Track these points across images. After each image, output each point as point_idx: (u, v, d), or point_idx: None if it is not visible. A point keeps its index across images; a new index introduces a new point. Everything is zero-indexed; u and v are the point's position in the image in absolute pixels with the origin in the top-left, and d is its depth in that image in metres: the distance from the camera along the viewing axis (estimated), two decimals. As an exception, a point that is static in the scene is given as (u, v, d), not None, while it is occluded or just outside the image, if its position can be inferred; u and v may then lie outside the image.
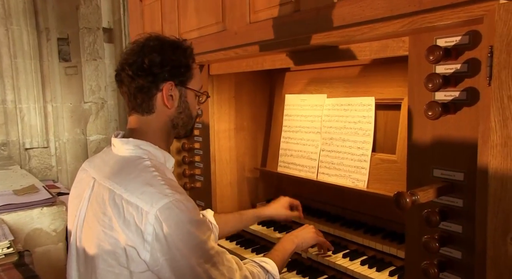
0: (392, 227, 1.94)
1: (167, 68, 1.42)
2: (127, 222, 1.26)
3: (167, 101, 1.45)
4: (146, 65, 1.40)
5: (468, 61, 1.17)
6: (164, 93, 1.43)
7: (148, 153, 1.42)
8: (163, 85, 1.43)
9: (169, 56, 1.44)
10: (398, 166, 1.79)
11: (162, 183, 1.30)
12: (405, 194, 1.10)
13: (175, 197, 1.26)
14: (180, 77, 1.47)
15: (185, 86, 1.50)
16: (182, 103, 1.50)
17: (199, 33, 2.32)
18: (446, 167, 1.24)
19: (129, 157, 1.41)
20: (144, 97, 1.43)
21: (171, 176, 1.44)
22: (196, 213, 1.31)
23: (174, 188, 1.30)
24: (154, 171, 1.34)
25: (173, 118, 1.50)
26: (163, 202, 1.24)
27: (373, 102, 1.91)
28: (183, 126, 1.55)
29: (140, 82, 1.41)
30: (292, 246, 1.80)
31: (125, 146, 1.43)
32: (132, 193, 1.28)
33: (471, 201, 1.18)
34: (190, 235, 1.26)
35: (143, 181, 1.31)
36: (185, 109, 1.52)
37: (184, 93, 1.50)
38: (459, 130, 1.20)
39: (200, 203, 2.55)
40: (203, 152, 2.47)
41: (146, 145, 1.43)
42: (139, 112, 1.46)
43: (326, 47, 1.60)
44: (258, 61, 1.99)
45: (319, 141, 2.17)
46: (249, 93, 2.53)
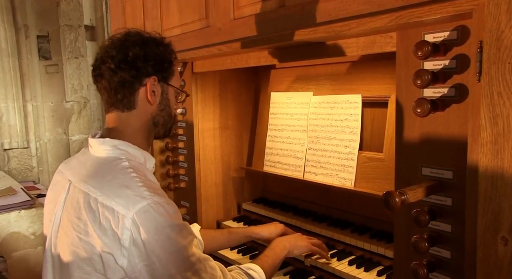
0: (380, 226, 1.92)
1: (151, 62, 1.39)
2: (103, 227, 1.21)
3: (150, 97, 1.40)
4: (130, 58, 1.35)
5: (456, 57, 1.14)
6: (148, 88, 1.39)
7: (126, 154, 1.36)
8: (146, 79, 1.39)
9: (153, 50, 1.40)
10: (385, 165, 1.77)
11: (140, 185, 1.24)
12: (394, 193, 1.07)
13: (153, 199, 1.21)
14: (163, 73, 1.44)
15: (167, 82, 1.47)
16: (163, 100, 1.46)
17: (182, 30, 2.26)
18: (435, 165, 1.22)
19: (106, 158, 1.35)
20: (125, 92, 1.38)
21: (152, 177, 1.38)
22: (176, 216, 1.25)
23: (153, 190, 1.25)
24: (132, 172, 1.28)
25: (155, 115, 1.46)
26: (140, 205, 1.19)
27: (360, 100, 1.88)
28: (163, 125, 1.50)
29: (122, 76, 1.36)
30: (284, 252, 1.74)
31: (102, 147, 1.37)
32: (108, 196, 1.23)
33: (460, 200, 1.16)
34: (170, 240, 1.20)
35: (120, 183, 1.25)
36: (166, 106, 1.48)
37: (166, 90, 1.47)
38: (448, 127, 1.18)
39: (184, 204, 2.49)
40: (187, 151, 2.42)
41: (124, 145, 1.37)
42: (119, 108, 1.41)
43: (312, 44, 1.57)
44: (242, 58, 1.95)
45: (305, 140, 2.14)
46: (234, 91, 2.48)
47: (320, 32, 1.39)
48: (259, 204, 2.46)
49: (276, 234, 1.97)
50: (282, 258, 1.74)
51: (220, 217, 2.48)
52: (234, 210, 2.55)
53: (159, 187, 1.34)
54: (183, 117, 2.41)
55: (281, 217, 2.24)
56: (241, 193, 2.56)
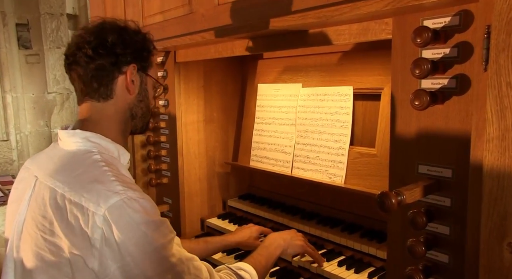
0: (370, 224, 1.84)
1: (130, 49, 1.31)
2: (71, 226, 1.10)
3: (130, 85, 1.32)
4: (109, 43, 1.27)
5: (458, 45, 1.05)
6: (128, 76, 1.31)
7: (98, 147, 1.25)
8: (126, 67, 1.31)
9: (132, 37, 1.33)
10: (377, 161, 1.67)
11: (113, 179, 1.14)
12: (390, 194, 0.98)
13: (127, 194, 1.10)
14: (142, 62, 1.36)
15: (146, 72, 1.38)
16: (142, 91, 1.38)
17: (164, 16, 2.13)
18: (433, 162, 1.13)
19: (76, 151, 1.25)
20: (103, 80, 1.29)
21: (126, 173, 1.27)
22: (153, 212, 1.14)
23: (127, 184, 1.14)
24: (104, 166, 1.18)
25: (133, 106, 1.37)
26: (112, 200, 1.08)
27: (351, 92, 1.78)
28: (141, 118, 1.40)
29: (100, 63, 1.27)
30: (279, 250, 1.64)
31: (72, 139, 1.26)
32: (77, 192, 1.12)
33: (460, 200, 1.07)
34: (146, 239, 1.09)
35: (90, 177, 1.15)
36: (144, 97, 1.39)
37: (145, 80, 1.39)
38: (448, 121, 1.09)
39: (167, 200, 2.38)
40: (170, 145, 2.30)
41: (96, 138, 1.26)
42: (94, 98, 1.31)
43: (301, 31, 1.46)
44: (227, 47, 1.83)
45: (293, 134, 2.03)
46: (219, 83, 2.36)
47: (310, 17, 1.28)
48: (245, 201, 2.36)
49: (254, 238, 1.88)
50: (276, 257, 1.65)
51: (205, 214, 2.37)
52: (219, 206, 2.45)
53: (133, 182, 1.23)
54: (166, 109, 2.29)
55: (268, 215, 2.15)
56: (227, 189, 2.45)
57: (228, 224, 2.24)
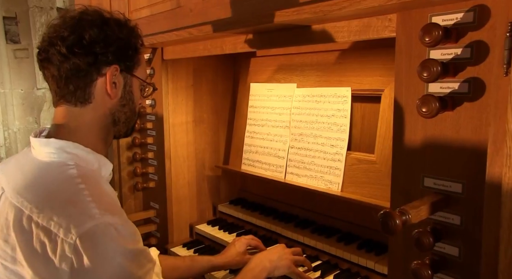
0: (368, 234, 1.72)
1: (112, 48, 1.15)
2: (36, 253, 0.96)
3: (110, 89, 1.17)
4: (86, 41, 1.11)
5: (471, 45, 0.93)
6: (108, 78, 1.16)
7: (75, 158, 1.11)
8: (106, 69, 1.15)
9: (115, 33, 1.16)
10: (377, 168, 1.56)
11: (89, 199, 1.00)
12: (393, 214, 0.86)
13: (104, 219, 0.96)
14: (126, 61, 1.20)
15: (131, 73, 1.22)
16: (126, 94, 1.22)
17: (151, 11, 2.00)
18: (440, 175, 1.01)
19: (49, 163, 1.10)
20: (79, 83, 1.14)
21: (107, 188, 1.14)
22: (132, 240, 1.01)
23: (105, 206, 1.00)
24: (81, 183, 1.04)
25: (115, 111, 1.21)
26: (86, 226, 0.95)
27: (349, 93, 1.66)
28: (125, 123, 1.25)
29: (76, 63, 1.11)
30: (264, 274, 1.53)
31: (45, 149, 1.11)
32: (46, 214, 0.98)
33: (471, 219, 0.96)
34: (122, 271, 0.96)
35: (63, 197, 1.01)
36: (129, 101, 1.23)
37: (129, 82, 1.23)
38: (458, 130, 0.97)
39: (154, 205, 2.26)
40: (157, 147, 2.18)
41: (73, 148, 1.12)
42: (71, 102, 1.16)
43: (296, 27, 1.34)
44: (217, 44, 1.70)
45: (287, 137, 1.91)
46: (210, 82, 2.24)
47: (306, 12, 1.16)
48: (237, 206, 2.24)
49: (242, 253, 1.75)
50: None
51: (194, 220, 2.25)
52: (209, 212, 2.33)
53: (116, 202, 1.10)
54: (153, 109, 2.16)
55: (259, 222, 2.03)
56: (217, 194, 2.33)
57: (218, 231, 2.12)
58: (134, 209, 2.31)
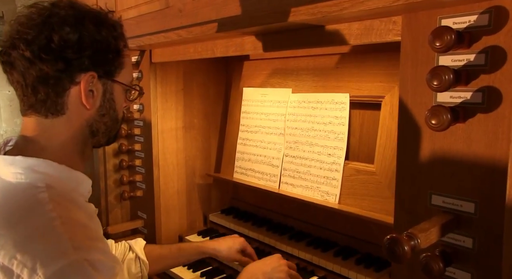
0: (367, 248, 1.63)
1: (87, 52, 1.00)
2: None
3: (85, 99, 1.02)
4: (55, 44, 0.96)
5: (486, 50, 0.84)
6: (83, 87, 1.01)
7: (47, 178, 0.96)
8: (81, 76, 1.00)
9: (91, 34, 1.00)
10: (377, 179, 1.47)
11: (61, 231, 0.86)
12: (401, 240, 0.77)
13: (78, 256, 0.84)
14: (105, 67, 1.05)
15: (112, 78, 1.08)
16: (106, 102, 1.08)
17: (138, 11, 1.90)
18: (450, 193, 0.92)
19: (15, 185, 0.94)
20: (49, 92, 0.99)
21: (87, 209, 1.02)
22: (112, 275, 0.89)
23: (81, 237, 0.88)
24: (52, 210, 0.89)
25: (93, 122, 1.08)
26: (57, 265, 0.81)
27: (348, 100, 1.57)
28: (105, 133, 1.12)
29: (44, 70, 0.96)
30: None
31: (11, 169, 0.96)
32: (8, 251, 0.84)
33: (485, 242, 0.87)
34: None
35: (29, 229, 0.87)
36: (109, 110, 1.09)
37: (110, 89, 1.08)
38: (470, 144, 0.88)
39: (141, 215, 2.15)
40: (145, 154, 2.07)
41: (44, 166, 0.98)
42: (41, 112, 1.01)
43: (292, 30, 1.24)
44: (208, 46, 1.61)
45: (282, 145, 1.82)
46: (201, 86, 2.14)
47: (303, 14, 1.07)
48: (228, 216, 2.14)
49: (235, 250, 1.65)
50: None
51: (183, 230, 2.15)
52: (200, 222, 2.22)
53: (94, 228, 0.97)
54: (141, 114, 2.06)
55: (252, 233, 1.93)
56: (208, 203, 2.23)
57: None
58: (121, 219, 2.20)
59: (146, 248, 1.58)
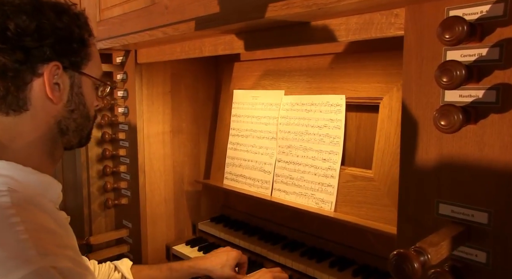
0: (364, 259, 1.54)
1: (48, 40, 0.92)
2: None
3: (51, 93, 0.94)
4: (12, 32, 0.88)
5: (500, 44, 0.76)
6: (46, 79, 0.93)
7: (9, 182, 0.88)
8: (44, 67, 0.93)
9: (52, 21, 0.93)
10: (375, 186, 1.38)
11: (24, 237, 0.77)
12: (410, 256, 0.68)
13: (45, 262, 0.75)
14: (71, 57, 0.98)
15: (79, 70, 1.00)
16: (74, 96, 1.00)
17: (123, 9, 1.80)
18: (460, 202, 0.84)
19: None
20: (8, 86, 0.91)
21: (57, 215, 0.93)
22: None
23: (46, 243, 0.79)
24: (14, 215, 0.81)
25: (61, 119, 1.00)
26: (19, 273, 0.72)
27: (343, 102, 1.49)
28: (76, 132, 1.03)
29: (1, 61, 0.89)
30: None
31: None
32: None
33: (500, 256, 0.78)
34: None
35: None
36: (79, 105, 1.02)
37: (78, 82, 1.01)
38: (483, 148, 0.80)
39: (126, 224, 2.04)
40: (130, 160, 1.97)
41: (7, 168, 0.90)
42: (1, 110, 0.93)
43: (284, 25, 1.16)
44: (195, 45, 1.52)
45: (274, 149, 1.73)
46: (189, 88, 2.05)
47: (297, 6, 0.98)
48: (218, 224, 2.04)
49: (230, 267, 1.54)
50: None
51: (171, 240, 2.04)
52: (189, 231, 2.12)
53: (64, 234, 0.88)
54: (125, 118, 1.96)
55: (243, 243, 1.83)
56: (197, 211, 2.13)
57: (197, 252, 1.91)
58: (105, 228, 2.09)
59: (134, 269, 1.46)
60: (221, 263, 1.53)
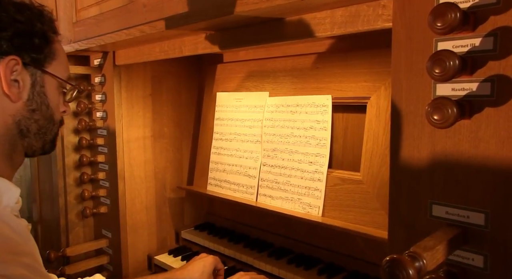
0: (354, 265, 1.48)
1: (6, 33, 0.88)
2: None
3: (8, 89, 0.89)
4: None
5: (494, 33, 0.72)
6: (2, 74, 0.88)
7: None
8: None
9: (11, 14, 0.90)
10: (363, 189, 1.33)
11: None
12: (404, 261, 0.62)
13: None
14: (32, 53, 0.93)
15: (42, 68, 0.95)
16: (36, 96, 0.95)
17: (100, 9, 1.73)
18: (455, 203, 0.78)
19: None
20: None
21: (13, 221, 0.86)
22: None
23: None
24: None
25: (21, 118, 0.94)
26: None
27: (330, 102, 1.44)
28: (38, 135, 0.97)
29: None
30: None
31: None
32: None
33: (498, 260, 0.73)
34: None
35: None
36: (41, 105, 0.96)
37: (41, 81, 0.96)
38: (478, 144, 0.75)
39: (106, 234, 1.95)
40: (109, 167, 1.88)
41: None
42: None
43: (266, 20, 1.10)
44: (175, 44, 1.46)
45: (259, 153, 1.67)
46: (171, 91, 1.98)
47: (278, -1, 0.93)
48: (203, 232, 1.96)
49: (208, 274, 1.47)
50: None
51: (153, 250, 1.96)
52: (172, 239, 2.04)
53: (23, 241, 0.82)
54: (104, 122, 1.88)
55: (228, 251, 1.76)
56: (181, 218, 2.05)
57: (181, 262, 1.83)
58: (84, 238, 1.99)
59: None
60: (199, 270, 1.47)
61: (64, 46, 1.78)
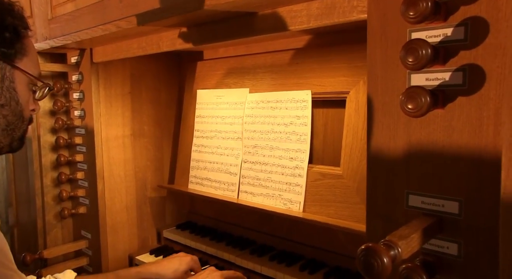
0: (336, 260, 1.49)
1: None
2: None
3: None
4: None
5: (465, 22, 0.72)
6: None
7: None
8: None
9: None
10: (344, 183, 1.33)
11: None
12: (379, 250, 0.62)
13: None
14: (2, 46, 0.92)
15: (12, 63, 0.94)
16: (5, 91, 0.94)
17: (76, 5, 1.70)
18: (430, 192, 0.79)
19: None
20: None
21: None
22: None
23: None
24: None
25: None
26: None
27: (310, 97, 1.44)
28: (6, 131, 0.96)
29: None
30: None
31: None
32: None
33: (472, 247, 0.74)
34: None
35: None
36: (10, 101, 0.95)
37: (10, 76, 0.94)
38: (451, 133, 0.75)
39: (85, 235, 1.91)
40: (88, 166, 1.85)
41: None
42: None
43: (243, 14, 1.10)
44: (153, 40, 1.44)
45: (240, 150, 1.66)
46: (151, 89, 1.95)
47: (254, -10, 0.92)
48: (184, 231, 1.94)
49: (182, 272, 1.47)
50: None
51: (134, 250, 1.93)
52: (153, 239, 2.01)
53: None
54: (82, 121, 1.85)
55: (210, 249, 1.75)
56: (162, 218, 2.03)
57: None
58: (62, 240, 1.95)
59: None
60: (173, 267, 1.47)
61: (40, 43, 1.76)
